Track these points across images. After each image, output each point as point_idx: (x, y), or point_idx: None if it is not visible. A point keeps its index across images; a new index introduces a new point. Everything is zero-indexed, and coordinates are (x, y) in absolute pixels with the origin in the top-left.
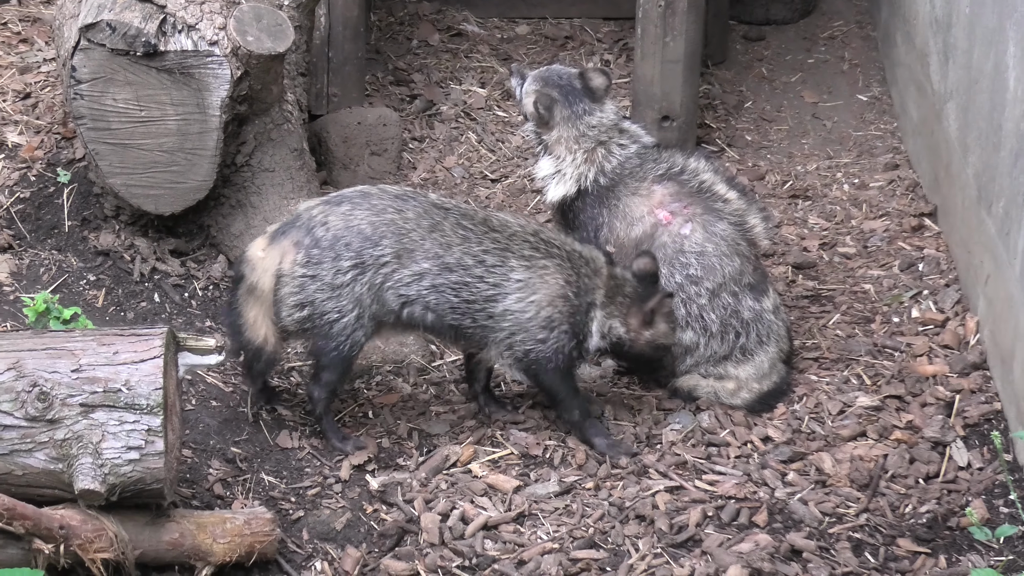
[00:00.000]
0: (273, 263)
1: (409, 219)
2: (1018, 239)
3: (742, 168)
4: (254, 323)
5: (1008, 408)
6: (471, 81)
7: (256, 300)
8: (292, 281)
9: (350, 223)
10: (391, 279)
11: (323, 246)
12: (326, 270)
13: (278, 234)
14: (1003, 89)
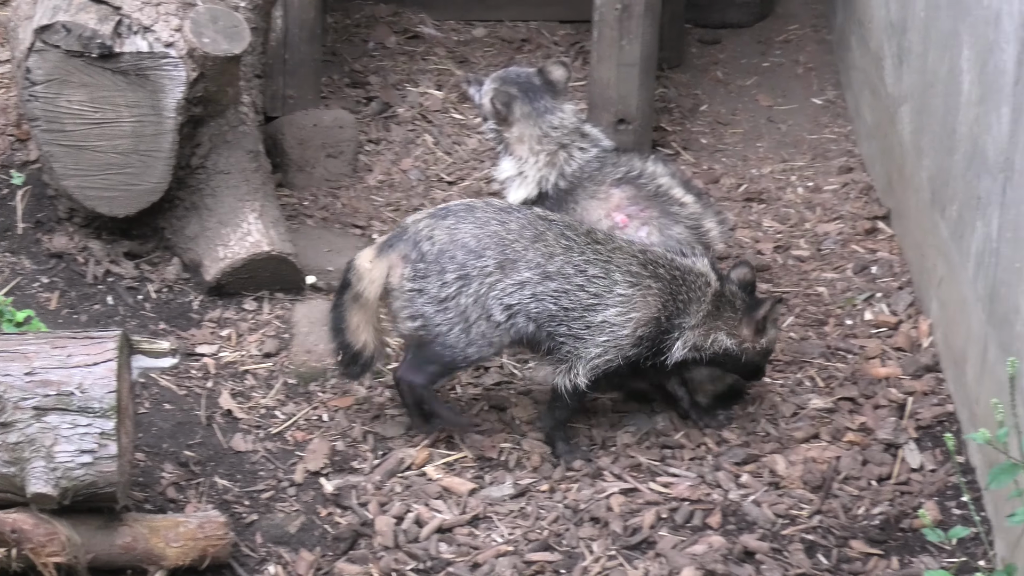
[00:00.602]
0: (380, 275)
1: (512, 230)
2: (971, 242)
3: (697, 171)
4: (356, 328)
5: (961, 410)
6: (428, 83)
7: (360, 308)
8: (402, 295)
9: (455, 236)
10: (495, 289)
11: (428, 260)
12: (432, 284)
13: (386, 246)
14: (957, 93)
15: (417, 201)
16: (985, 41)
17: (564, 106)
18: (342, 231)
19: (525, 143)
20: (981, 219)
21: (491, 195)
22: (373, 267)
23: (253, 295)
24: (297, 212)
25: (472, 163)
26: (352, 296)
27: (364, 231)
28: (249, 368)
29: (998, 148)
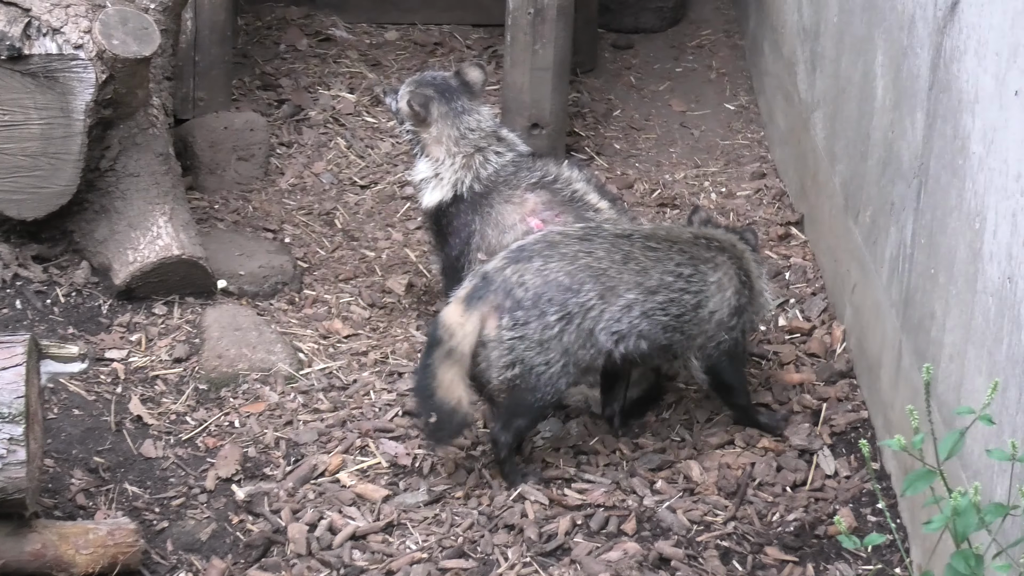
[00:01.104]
0: (474, 328)
1: (601, 257)
2: (885, 247)
3: (611, 176)
4: (449, 385)
5: (875, 416)
6: (340, 86)
7: (453, 364)
8: (500, 345)
9: (547, 278)
10: (601, 320)
11: (526, 306)
12: (533, 329)
13: (473, 299)
14: (871, 98)
15: (330, 205)
16: (899, 46)
17: (481, 108)
18: (253, 235)
19: (442, 144)
20: (895, 225)
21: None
22: (465, 321)
23: (163, 299)
24: (208, 215)
25: (385, 167)
26: (444, 353)
27: (276, 235)
28: (159, 373)
29: (912, 153)
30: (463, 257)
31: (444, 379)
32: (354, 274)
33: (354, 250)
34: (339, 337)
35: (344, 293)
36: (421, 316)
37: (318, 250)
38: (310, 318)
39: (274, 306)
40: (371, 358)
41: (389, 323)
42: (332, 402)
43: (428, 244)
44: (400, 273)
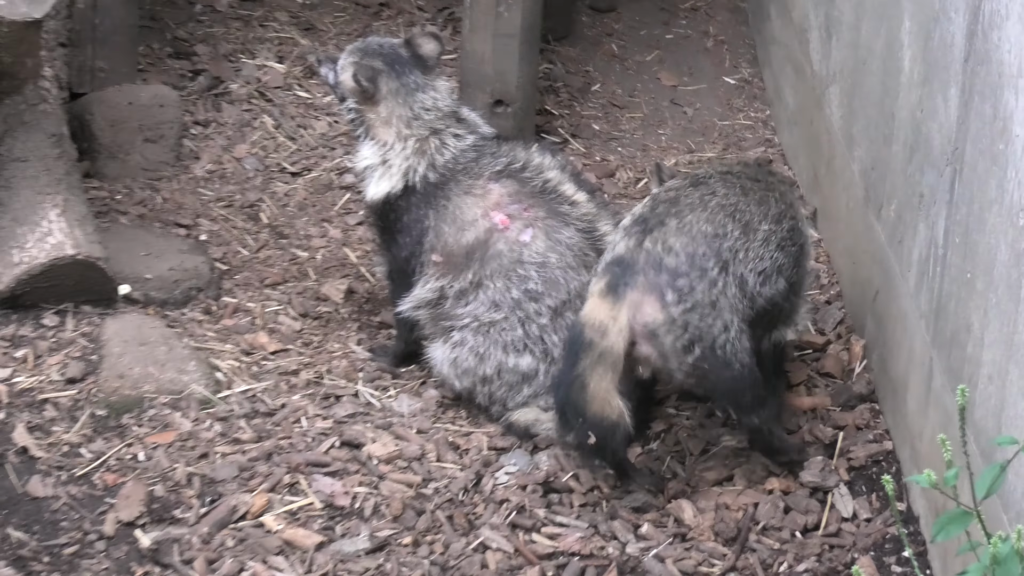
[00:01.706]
0: (626, 321)
1: (726, 194)
2: (913, 247)
3: (589, 163)
4: (605, 396)
5: (901, 448)
6: (267, 55)
7: (607, 369)
8: (673, 326)
9: (691, 232)
10: (748, 260)
11: (683, 271)
12: (701, 292)
13: (618, 287)
14: (896, 71)
15: (254, 196)
16: (929, 10)
17: (437, 84)
18: (163, 231)
19: (392, 126)
20: (924, 220)
21: (344, 189)
22: (617, 314)
23: (55, 308)
24: (109, 208)
25: (321, 150)
26: (596, 358)
27: (189, 231)
28: (49, 396)
29: (945, 137)
30: (414, 259)
31: (598, 390)
32: (283, 278)
33: (283, 250)
34: (265, 353)
35: (271, 301)
36: (363, 328)
37: (240, 249)
38: (230, 330)
39: (187, 316)
40: (303, 378)
41: (324, 337)
42: (256, 431)
43: (372, 243)
44: (338, 277)
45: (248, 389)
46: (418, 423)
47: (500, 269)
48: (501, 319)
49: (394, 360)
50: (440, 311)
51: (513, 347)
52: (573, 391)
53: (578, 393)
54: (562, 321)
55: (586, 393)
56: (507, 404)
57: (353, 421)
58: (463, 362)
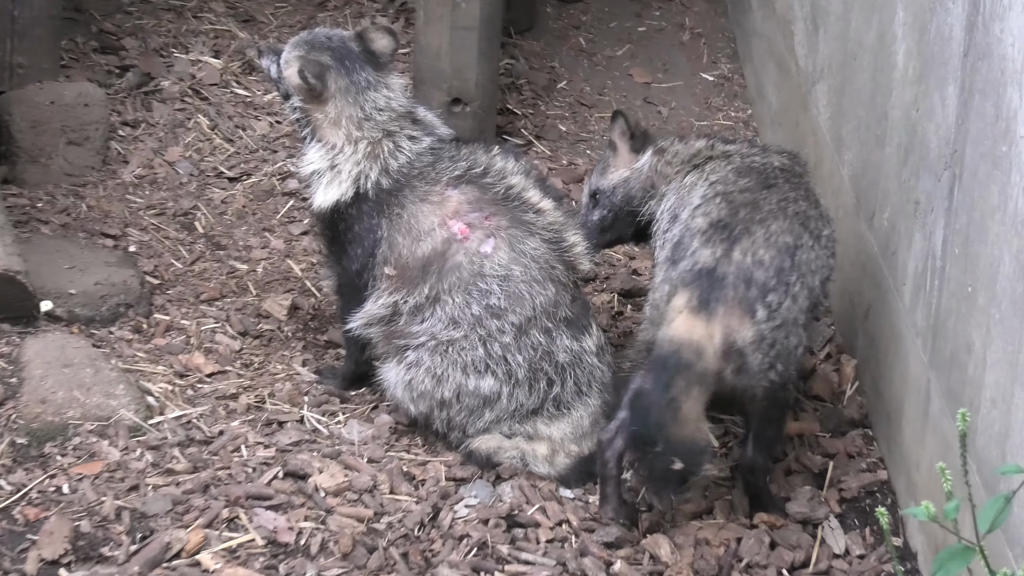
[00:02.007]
0: (720, 340)
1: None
2: (908, 259)
3: (555, 167)
4: (697, 419)
5: (896, 477)
6: (201, 49)
7: (703, 390)
8: (761, 345)
9: (777, 243)
10: (813, 264)
11: (772, 286)
12: (787, 309)
13: (709, 302)
14: (889, 66)
15: (188, 203)
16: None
17: (390, 82)
18: (88, 242)
19: (341, 127)
20: (920, 230)
21: (287, 196)
22: (713, 332)
23: None
24: (29, 216)
25: (261, 153)
26: (694, 379)
27: (117, 242)
28: None
29: (942, 138)
30: (365, 272)
31: (691, 413)
32: (220, 293)
33: (220, 262)
34: (200, 375)
35: (207, 318)
36: (308, 348)
37: (173, 262)
38: (162, 351)
39: (115, 335)
40: (243, 403)
41: (266, 357)
42: (191, 460)
43: (319, 255)
44: (281, 292)
45: (182, 415)
46: (369, 451)
47: (459, 283)
48: (460, 337)
49: (343, 383)
50: (394, 329)
51: (474, 368)
52: (665, 415)
53: (670, 417)
54: (527, 340)
55: (678, 416)
56: (467, 430)
57: (298, 449)
58: (419, 384)
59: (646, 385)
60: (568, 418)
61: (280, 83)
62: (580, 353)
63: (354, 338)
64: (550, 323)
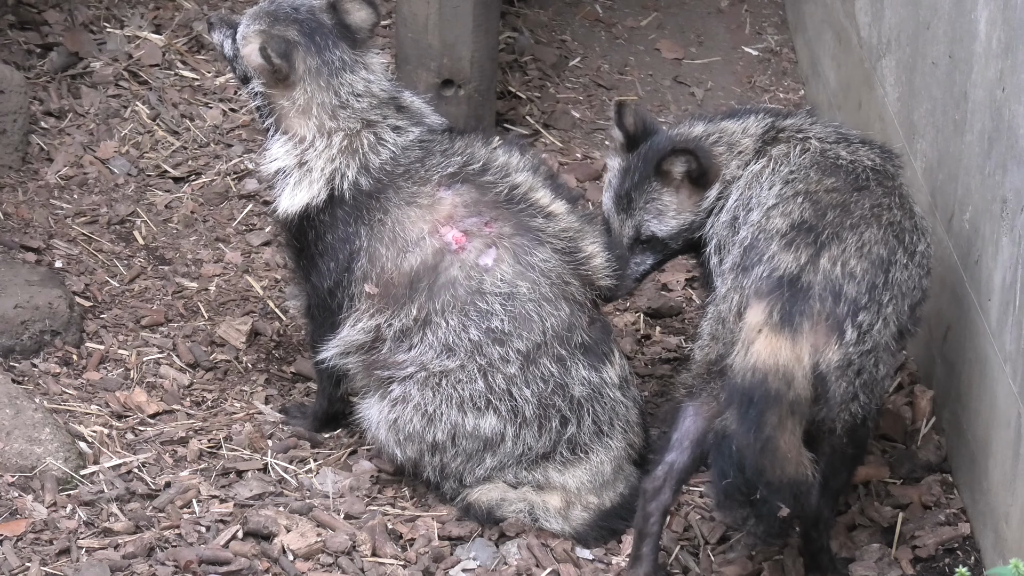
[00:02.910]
0: (809, 361)
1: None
2: (993, 269)
3: (567, 162)
4: (798, 453)
5: (981, 532)
6: (139, 22)
7: (798, 421)
8: (847, 371)
9: (871, 255)
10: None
11: (863, 303)
12: (877, 330)
13: (792, 317)
14: (970, 37)
15: (125, 208)
16: None
17: (369, 61)
18: (5, 257)
19: (311, 117)
20: (1009, 234)
21: (246, 199)
22: (802, 354)
23: None
24: None
25: (213, 148)
26: (786, 411)
27: (41, 256)
28: None
29: None
30: (341, 290)
31: (791, 448)
32: (165, 317)
33: (165, 279)
34: (142, 416)
35: (150, 347)
36: (272, 381)
37: (108, 280)
38: (96, 387)
39: (40, 368)
40: (193, 448)
41: (222, 393)
42: (132, 518)
43: (284, 270)
44: (238, 315)
45: (121, 464)
46: (347, 506)
47: (454, 302)
48: (456, 368)
49: (314, 423)
50: (375, 358)
51: (472, 404)
52: (763, 458)
53: (770, 460)
54: (536, 371)
55: (778, 457)
56: (464, 479)
57: (261, 504)
58: (406, 424)
59: (732, 426)
60: (586, 464)
61: (236, 63)
62: (600, 386)
63: (327, 370)
64: (563, 350)
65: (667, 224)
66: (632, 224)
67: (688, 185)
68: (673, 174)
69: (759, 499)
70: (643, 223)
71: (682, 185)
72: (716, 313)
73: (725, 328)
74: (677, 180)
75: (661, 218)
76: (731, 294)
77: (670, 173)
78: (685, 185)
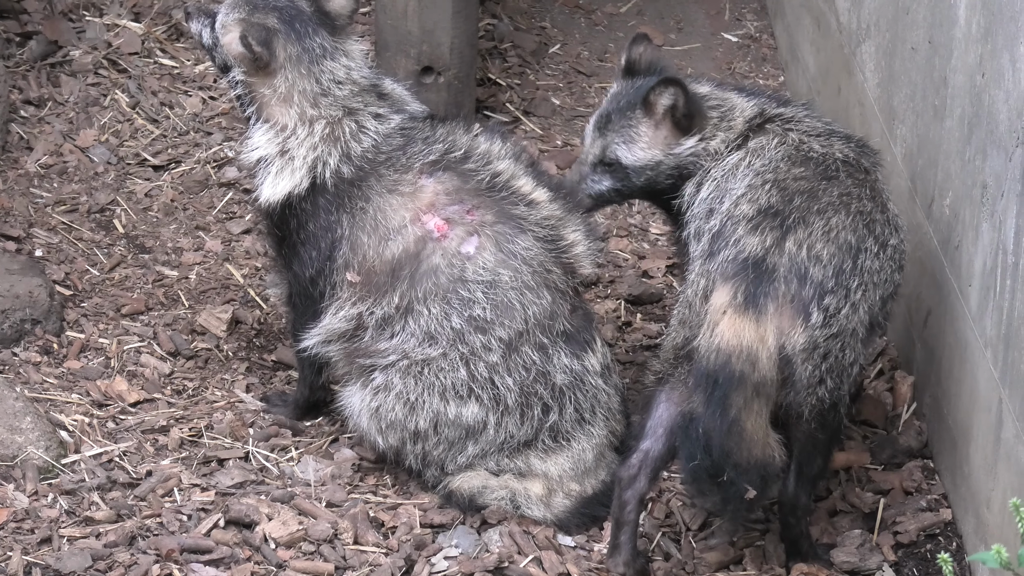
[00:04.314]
0: (774, 343)
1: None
2: (974, 254)
3: (547, 149)
4: (765, 435)
5: (963, 517)
6: (118, 11)
7: (764, 403)
8: (813, 355)
9: (838, 240)
10: (875, 275)
11: (830, 287)
12: (844, 314)
13: (757, 298)
14: (949, 22)
15: (105, 197)
16: None
17: (349, 48)
18: None
19: (293, 105)
20: (989, 219)
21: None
22: (765, 335)
23: None
24: None
25: (192, 136)
26: (750, 395)
27: (21, 245)
28: None
29: (1014, 108)
30: (322, 279)
31: (757, 431)
32: (146, 306)
33: (145, 268)
34: (123, 405)
35: (130, 336)
36: (253, 370)
37: (88, 268)
38: (77, 375)
39: (20, 357)
40: (174, 437)
41: (202, 382)
42: (113, 507)
43: (265, 258)
44: (219, 303)
45: (102, 452)
46: (328, 494)
47: (436, 290)
48: (438, 356)
49: (295, 411)
50: (357, 346)
51: (454, 392)
52: (729, 441)
53: (736, 442)
54: (518, 359)
55: (744, 438)
56: (446, 467)
57: (242, 492)
58: (388, 412)
59: (698, 409)
60: (567, 451)
61: (216, 52)
62: (581, 373)
63: (309, 358)
64: (545, 338)
65: (634, 154)
66: (601, 143)
67: (668, 123)
68: (657, 106)
69: (726, 481)
70: (611, 144)
71: (662, 121)
72: (684, 297)
73: (692, 312)
74: (659, 115)
75: (631, 146)
76: (698, 279)
77: (655, 105)
78: (666, 122)
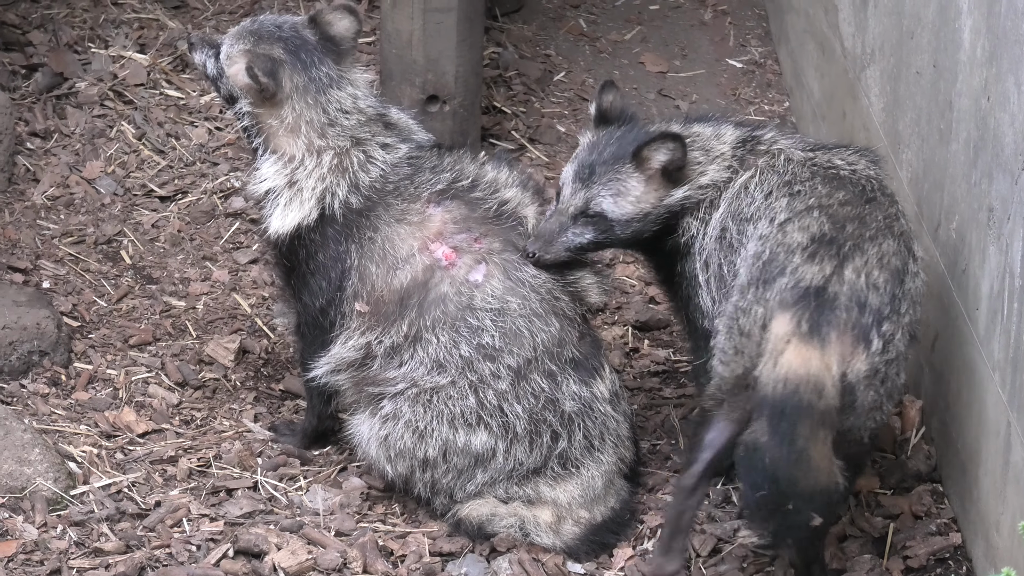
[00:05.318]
0: (837, 370)
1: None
2: (981, 278)
3: (553, 176)
4: (829, 463)
5: (972, 541)
6: (124, 42)
7: (828, 431)
8: (873, 380)
9: (890, 265)
10: (918, 291)
11: (886, 313)
12: (898, 339)
13: (820, 327)
14: (954, 46)
15: (112, 228)
16: None
17: (355, 77)
18: None
19: (300, 135)
20: (995, 242)
21: (232, 217)
22: (831, 363)
23: None
24: None
25: (199, 166)
26: (817, 422)
27: (28, 277)
28: None
29: (1019, 131)
30: (332, 308)
31: (823, 459)
32: (153, 336)
33: (152, 298)
34: (131, 436)
35: (139, 366)
36: (261, 399)
37: (95, 299)
38: (85, 406)
39: (28, 389)
40: (183, 467)
41: (211, 412)
42: (122, 538)
43: (272, 287)
44: (226, 333)
45: (111, 483)
46: (337, 523)
47: (444, 318)
48: (447, 384)
49: (304, 440)
50: (366, 374)
51: (463, 420)
52: (797, 470)
53: (803, 471)
54: (527, 386)
55: (811, 467)
56: (455, 495)
57: (251, 522)
58: (397, 441)
59: (762, 438)
60: (576, 478)
61: (221, 83)
62: (590, 400)
63: (317, 387)
64: (554, 365)
65: (622, 208)
66: (584, 195)
67: (659, 177)
68: (651, 161)
69: (791, 509)
70: (596, 197)
71: (654, 175)
72: (737, 326)
73: (750, 342)
74: (652, 169)
75: (618, 199)
76: (754, 307)
77: (648, 160)
78: (656, 176)
